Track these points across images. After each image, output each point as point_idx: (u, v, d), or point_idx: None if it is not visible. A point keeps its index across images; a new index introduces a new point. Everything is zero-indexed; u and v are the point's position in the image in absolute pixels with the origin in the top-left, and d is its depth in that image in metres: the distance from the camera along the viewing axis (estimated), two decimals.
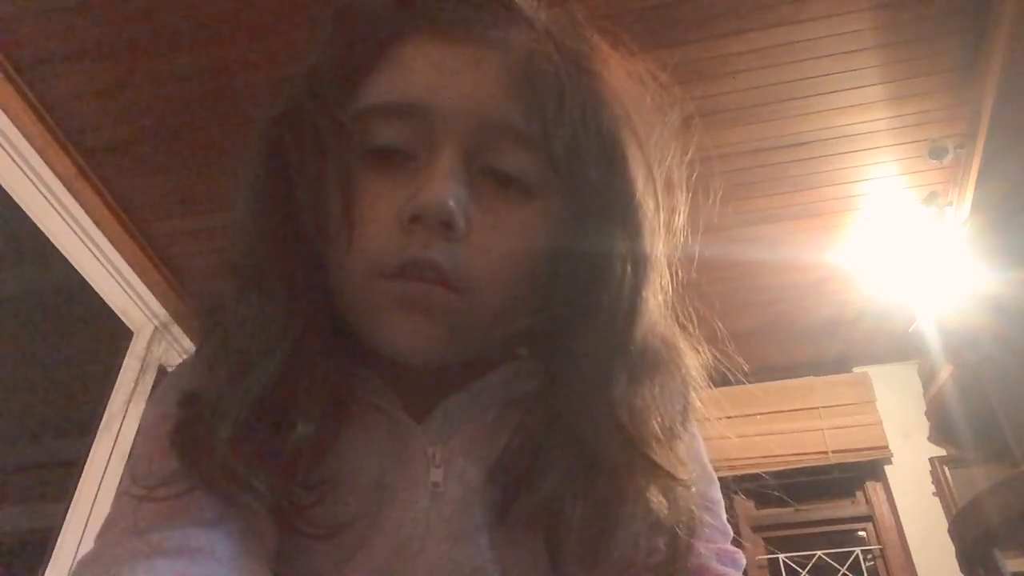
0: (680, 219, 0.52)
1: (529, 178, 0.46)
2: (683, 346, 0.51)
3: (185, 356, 0.53)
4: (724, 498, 0.54)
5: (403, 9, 0.48)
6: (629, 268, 0.47)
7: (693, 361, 0.51)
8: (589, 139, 0.47)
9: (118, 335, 2.48)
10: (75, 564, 0.39)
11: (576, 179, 0.47)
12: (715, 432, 0.54)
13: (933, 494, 2.87)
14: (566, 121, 0.46)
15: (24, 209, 2.10)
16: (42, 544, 2.14)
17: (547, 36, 0.49)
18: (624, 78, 0.51)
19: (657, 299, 0.50)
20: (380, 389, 0.49)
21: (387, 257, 0.44)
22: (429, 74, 0.46)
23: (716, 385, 0.54)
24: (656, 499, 0.45)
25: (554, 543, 0.45)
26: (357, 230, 0.44)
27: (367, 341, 0.46)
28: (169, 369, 0.54)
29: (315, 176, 0.46)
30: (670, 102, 0.53)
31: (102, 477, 2.24)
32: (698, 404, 0.51)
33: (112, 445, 2.29)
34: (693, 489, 0.47)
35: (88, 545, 0.41)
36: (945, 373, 2.80)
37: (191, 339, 0.53)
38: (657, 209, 0.50)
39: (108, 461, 2.27)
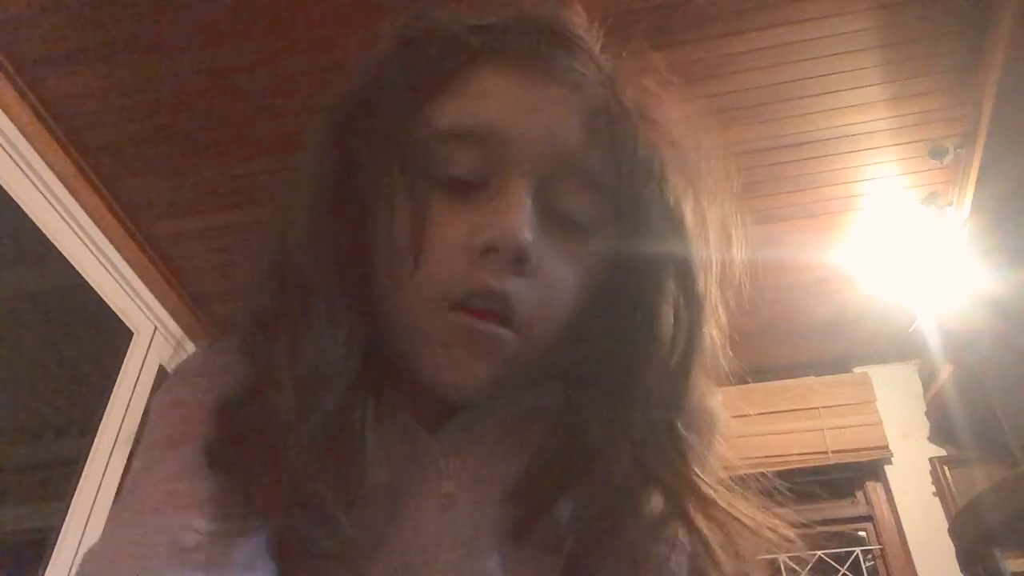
0: (736, 265, 0.52)
1: (590, 220, 0.47)
2: (717, 397, 0.51)
3: (186, 354, 0.51)
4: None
5: (479, 34, 0.48)
6: (683, 310, 0.47)
7: (721, 409, 0.51)
8: (652, 189, 0.48)
9: (118, 335, 2.48)
10: None
11: (637, 225, 0.48)
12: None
13: (933, 494, 2.87)
14: (638, 171, 0.47)
15: (24, 209, 2.10)
16: (42, 544, 2.14)
17: (612, 82, 0.49)
18: (679, 124, 0.52)
19: (712, 337, 0.49)
20: (395, 401, 0.48)
21: (455, 284, 0.43)
22: (510, 106, 0.46)
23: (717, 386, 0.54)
24: (685, 536, 0.44)
25: (571, 571, 0.44)
26: (423, 254, 0.44)
27: (412, 368, 0.46)
28: (169, 370, 0.52)
29: (385, 193, 0.46)
30: (720, 146, 0.54)
31: (102, 477, 2.24)
32: (723, 452, 0.50)
33: (112, 445, 2.29)
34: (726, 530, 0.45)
35: (89, 546, 0.39)
36: (945, 373, 2.80)
37: (190, 338, 0.52)
38: (710, 253, 0.50)
39: (108, 461, 2.27)
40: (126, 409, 2.36)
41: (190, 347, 0.52)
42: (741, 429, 0.54)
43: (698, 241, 0.49)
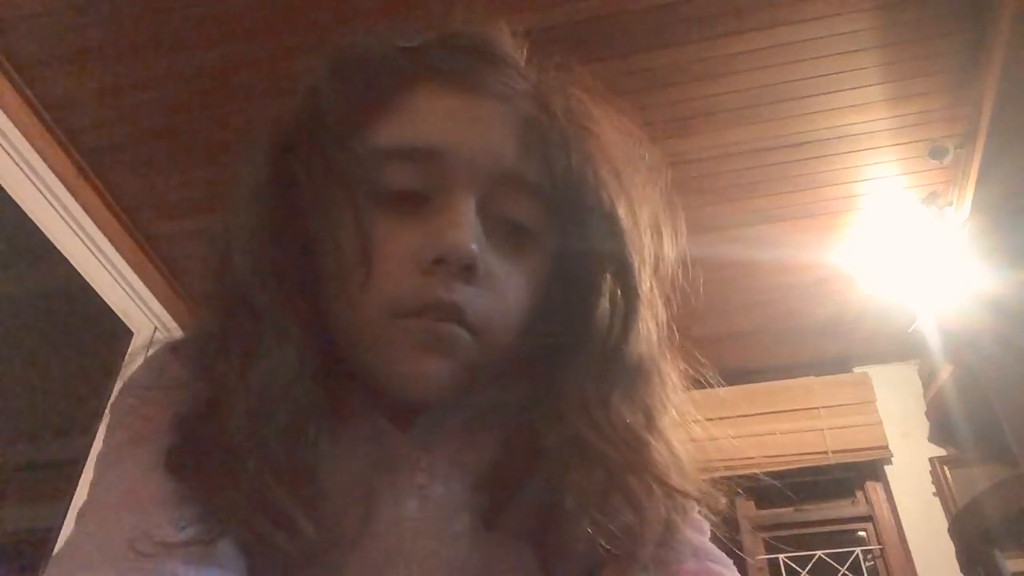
0: (670, 256, 0.55)
1: (534, 225, 0.49)
2: (667, 367, 0.53)
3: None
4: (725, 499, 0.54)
5: (411, 56, 0.50)
6: (620, 301, 0.50)
7: (676, 380, 0.54)
8: (588, 191, 0.50)
9: (118, 335, 2.48)
10: None
11: (574, 226, 0.50)
12: (715, 432, 0.55)
13: (933, 494, 2.87)
14: (573, 176, 0.50)
15: (24, 209, 2.10)
16: (42, 544, 2.14)
17: (540, 94, 0.52)
18: (607, 129, 0.54)
19: (648, 325, 0.52)
20: (363, 399, 0.49)
21: (407, 297, 0.45)
22: (446, 122, 0.48)
23: (716, 386, 0.54)
24: (652, 510, 0.46)
25: (546, 552, 0.46)
26: (373, 269, 0.45)
27: (374, 379, 0.47)
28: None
29: (330, 213, 0.47)
30: (649, 150, 0.56)
31: None
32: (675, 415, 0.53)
33: None
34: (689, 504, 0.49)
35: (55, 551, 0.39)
36: (945, 373, 2.80)
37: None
38: (644, 248, 0.53)
39: None
40: None
41: None
42: (742, 429, 0.56)
43: (632, 238, 0.52)
